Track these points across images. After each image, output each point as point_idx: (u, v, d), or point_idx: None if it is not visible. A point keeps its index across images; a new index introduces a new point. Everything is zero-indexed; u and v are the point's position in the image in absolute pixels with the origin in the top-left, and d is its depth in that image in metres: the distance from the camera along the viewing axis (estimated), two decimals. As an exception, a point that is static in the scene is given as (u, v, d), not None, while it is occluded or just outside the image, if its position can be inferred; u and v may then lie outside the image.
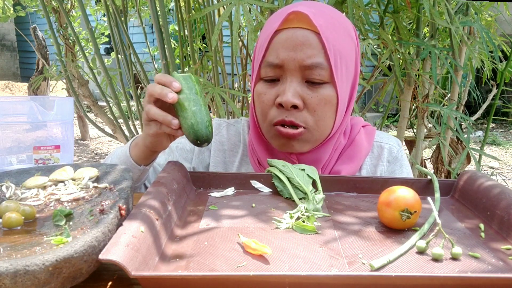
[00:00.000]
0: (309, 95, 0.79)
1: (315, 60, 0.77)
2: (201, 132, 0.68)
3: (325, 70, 0.77)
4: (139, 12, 2.25)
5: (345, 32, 0.81)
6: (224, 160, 0.95)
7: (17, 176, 0.70)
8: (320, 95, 0.79)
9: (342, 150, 0.90)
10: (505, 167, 4.14)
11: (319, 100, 0.79)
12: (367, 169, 0.92)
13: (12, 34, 8.87)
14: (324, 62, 0.77)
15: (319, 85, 0.79)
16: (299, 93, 0.78)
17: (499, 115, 5.69)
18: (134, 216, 0.53)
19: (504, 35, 1.89)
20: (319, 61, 0.77)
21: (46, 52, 4.09)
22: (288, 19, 0.78)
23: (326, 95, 0.79)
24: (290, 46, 0.77)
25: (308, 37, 0.77)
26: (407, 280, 0.45)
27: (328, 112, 0.81)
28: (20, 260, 0.41)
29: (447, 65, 1.42)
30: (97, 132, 5.26)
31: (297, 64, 0.77)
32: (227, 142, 0.96)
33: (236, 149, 0.95)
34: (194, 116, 0.68)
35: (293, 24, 0.78)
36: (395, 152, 0.93)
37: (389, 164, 0.92)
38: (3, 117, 1.00)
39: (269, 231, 0.59)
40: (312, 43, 0.77)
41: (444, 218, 0.66)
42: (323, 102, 0.79)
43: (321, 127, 0.82)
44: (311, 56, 0.77)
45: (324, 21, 0.78)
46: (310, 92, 0.79)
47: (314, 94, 0.79)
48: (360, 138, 0.91)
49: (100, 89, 2.16)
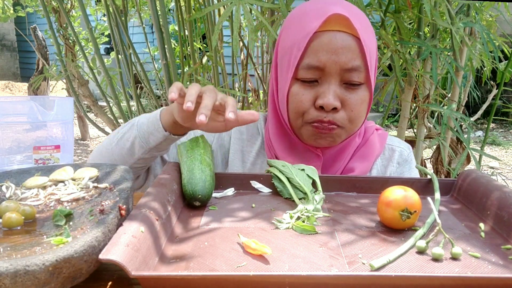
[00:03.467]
0: (347, 96, 0.81)
1: (355, 63, 0.79)
2: (194, 189, 0.69)
3: (363, 72, 0.80)
4: (139, 12, 2.25)
5: (373, 32, 0.85)
6: (242, 149, 0.96)
7: (17, 176, 0.70)
8: (358, 96, 0.82)
9: (356, 149, 0.93)
10: (505, 167, 4.14)
11: (356, 101, 0.82)
12: (377, 169, 0.94)
13: (12, 34, 8.87)
14: (362, 65, 0.80)
15: (357, 86, 0.81)
16: (338, 95, 0.81)
17: (499, 115, 5.69)
18: (134, 216, 0.53)
19: (505, 35, 1.89)
20: (359, 64, 0.80)
21: (46, 52, 4.09)
22: (328, 21, 0.79)
23: (362, 96, 0.82)
24: (331, 50, 0.78)
25: (348, 41, 0.79)
26: (407, 280, 0.45)
27: (363, 111, 0.84)
28: (20, 260, 0.41)
29: (448, 66, 1.42)
30: (97, 132, 5.26)
31: (338, 67, 0.79)
32: (246, 132, 0.98)
33: (253, 140, 0.97)
34: (190, 174, 0.71)
35: (333, 27, 0.79)
36: (405, 155, 0.96)
37: (398, 166, 0.95)
38: (3, 117, 1.00)
39: (269, 231, 0.59)
40: (352, 47, 0.79)
41: (444, 218, 0.66)
42: (360, 102, 0.82)
43: (355, 125, 0.85)
44: (352, 59, 0.79)
45: (360, 24, 0.80)
46: (348, 94, 0.81)
47: (351, 95, 0.81)
48: (373, 139, 0.94)
49: (100, 89, 2.16)
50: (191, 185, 0.68)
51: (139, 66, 2.09)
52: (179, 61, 2.07)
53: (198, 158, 0.73)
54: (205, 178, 0.70)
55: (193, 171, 0.71)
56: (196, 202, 0.68)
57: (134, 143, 0.83)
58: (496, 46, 1.43)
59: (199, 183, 0.69)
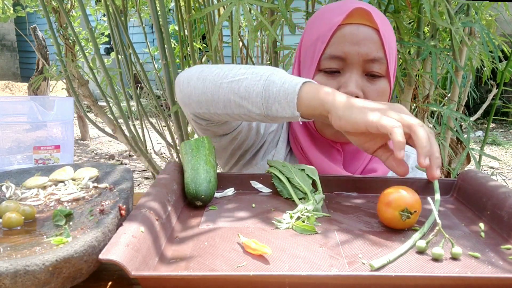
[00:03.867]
0: (369, 87, 0.83)
1: (377, 54, 0.82)
2: (195, 189, 0.69)
3: (384, 64, 0.83)
4: (139, 12, 2.25)
5: (391, 29, 0.87)
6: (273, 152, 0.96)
7: (17, 176, 0.70)
8: (378, 87, 0.84)
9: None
10: (505, 167, 4.14)
11: (377, 92, 0.83)
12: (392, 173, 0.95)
13: (12, 34, 8.87)
14: (383, 57, 0.82)
15: (378, 78, 0.84)
16: (360, 85, 0.82)
17: (499, 115, 5.69)
18: (134, 216, 0.53)
19: (504, 35, 1.89)
20: (380, 56, 0.82)
21: (46, 52, 4.09)
22: (350, 15, 0.82)
23: (382, 88, 0.84)
24: (354, 41, 0.81)
25: (370, 33, 0.82)
26: (407, 280, 0.45)
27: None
28: (20, 260, 0.41)
29: (447, 66, 1.42)
30: (97, 132, 5.26)
31: (360, 58, 0.81)
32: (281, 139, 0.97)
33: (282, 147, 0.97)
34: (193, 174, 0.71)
35: (356, 20, 0.82)
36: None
37: (412, 170, 0.97)
38: (3, 117, 1.00)
39: (269, 231, 0.59)
40: (374, 39, 0.82)
41: (444, 218, 0.66)
42: (381, 94, 0.84)
43: None
44: (374, 51, 0.81)
45: (380, 20, 0.83)
46: (369, 85, 0.83)
47: (373, 86, 0.83)
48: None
49: (100, 89, 2.16)
50: (195, 185, 0.68)
51: (139, 66, 2.09)
52: (179, 61, 2.07)
53: (203, 158, 0.73)
54: (209, 179, 0.70)
55: (197, 170, 0.71)
56: (198, 202, 0.68)
57: (251, 97, 0.72)
58: (496, 46, 1.43)
59: (203, 183, 0.69)
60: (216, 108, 0.77)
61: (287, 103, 0.70)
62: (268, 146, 0.96)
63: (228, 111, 0.76)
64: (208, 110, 0.79)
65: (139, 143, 2.17)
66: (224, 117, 0.79)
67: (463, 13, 1.54)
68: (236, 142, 0.92)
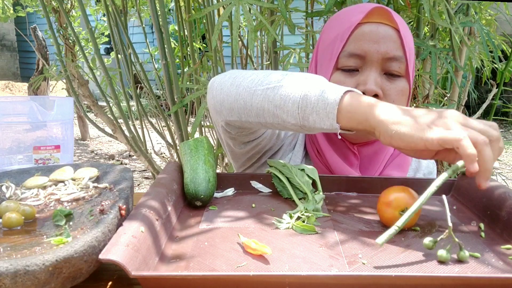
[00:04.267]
0: (388, 86, 0.82)
1: (397, 53, 0.81)
2: (195, 189, 0.69)
3: (403, 64, 0.82)
4: (139, 12, 2.25)
5: (411, 34, 0.87)
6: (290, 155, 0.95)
7: (17, 176, 0.70)
8: (398, 86, 0.83)
9: (391, 157, 0.93)
10: (505, 167, 4.14)
11: (397, 91, 0.82)
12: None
13: (12, 34, 8.86)
14: (402, 57, 0.82)
15: (397, 77, 0.83)
16: (379, 83, 0.81)
17: (499, 115, 5.68)
18: (134, 216, 0.53)
19: (504, 35, 1.89)
20: (400, 55, 0.81)
21: (46, 52, 4.09)
22: (370, 14, 0.82)
23: (402, 87, 0.83)
24: (374, 39, 0.80)
25: (390, 32, 0.81)
26: (407, 280, 0.45)
27: (402, 103, 0.84)
28: (20, 260, 0.41)
29: (447, 65, 1.42)
30: (97, 132, 5.26)
31: (380, 56, 0.80)
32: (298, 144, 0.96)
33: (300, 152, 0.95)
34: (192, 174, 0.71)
35: (375, 19, 0.82)
36: (431, 168, 0.99)
37: (423, 176, 0.97)
38: (3, 117, 1.00)
39: (269, 231, 0.59)
40: (393, 38, 0.81)
41: (444, 218, 0.66)
42: (401, 93, 0.83)
43: None
44: (393, 49, 0.81)
45: (400, 20, 0.83)
46: (388, 84, 0.82)
47: (392, 85, 0.82)
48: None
49: (100, 89, 2.16)
50: (194, 185, 0.69)
51: (139, 66, 2.09)
52: (179, 61, 2.07)
53: (202, 159, 0.73)
54: (209, 179, 0.70)
55: (196, 170, 0.71)
56: (198, 202, 0.68)
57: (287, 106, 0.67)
58: (495, 46, 1.43)
59: (202, 183, 0.69)
60: (248, 116, 0.72)
61: (326, 114, 0.63)
62: (286, 149, 0.95)
63: (261, 120, 0.71)
64: (240, 118, 0.74)
65: (139, 143, 2.17)
66: (256, 125, 0.75)
67: (462, 13, 1.54)
68: (258, 147, 0.90)
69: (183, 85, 1.61)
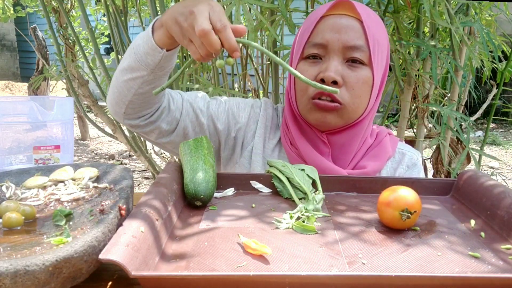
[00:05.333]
0: (349, 74, 0.85)
1: (358, 42, 0.84)
2: (196, 189, 0.69)
3: (365, 53, 0.85)
4: (139, 12, 2.25)
5: (381, 26, 0.90)
6: (264, 135, 0.98)
7: (17, 176, 0.70)
8: (359, 74, 0.85)
9: (369, 149, 0.96)
10: (505, 167, 4.14)
11: (357, 79, 0.85)
12: (387, 171, 0.96)
13: (12, 34, 8.87)
14: (365, 46, 0.84)
15: (359, 66, 0.85)
16: (339, 71, 0.84)
17: (499, 115, 5.69)
18: (134, 216, 0.53)
19: (504, 35, 1.89)
20: (361, 44, 0.84)
21: (46, 52, 4.09)
22: (334, 7, 0.87)
23: (363, 76, 0.85)
24: (335, 29, 0.85)
25: (352, 22, 0.85)
26: (407, 280, 0.45)
27: (364, 92, 0.87)
28: (20, 260, 0.41)
29: (447, 65, 1.42)
30: (97, 132, 5.26)
31: (340, 44, 0.84)
32: (271, 121, 1.00)
33: (275, 131, 1.00)
34: (192, 174, 0.71)
35: (338, 11, 0.86)
36: (415, 159, 0.99)
37: (407, 169, 0.97)
38: (3, 117, 1.00)
39: (269, 231, 0.59)
40: (355, 28, 0.84)
41: (444, 218, 0.66)
42: (361, 81, 0.85)
43: (356, 105, 0.87)
44: (354, 38, 0.84)
45: (365, 12, 0.86)
46: (349, 71, 0.85)
47: (353, 73, 0.85)
48: (386, 141, 0.97)
49: (100, 89, 2.16)
50: (194, 185, 0.69)
51: (139, 66, 2.08)
52: (179, 61, 2.07)
53: (202, 159, 0.73)
54: (208, 179, 0.70)
55: (196, 170, 0.71)
56: (198, 202, 0.68)
57: (134, 67, 0.81)
58: (495, 46, 1.43)
59: (202, 183, 0.69)
60: (123, 95, 0.84)
61: (152, 49, 0.79)
62: (243, 142, 0.97)
63: (132, 91, 0.83)
64: (124, 103, 0.85)
65: (139, 143, 2.17)
66: (133, 98, 0.85)
67: (462, 13, 1.54)
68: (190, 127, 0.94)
69: (183, 85, 1.61)
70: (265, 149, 0.97)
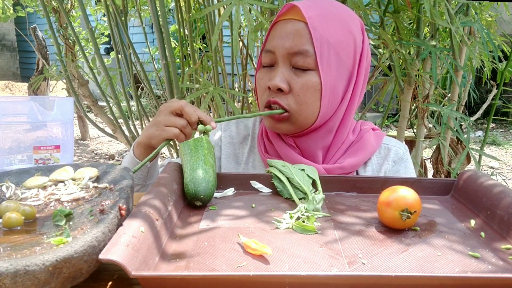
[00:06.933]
0: (294, 80, 0.85)
1: (302, 48, 0.83)
2: (197, 189, 0.69)
3: (311, 57, 0.83)
4: (139, 12, 2.25)
5: (340, 24, 0.85)
6: (234, 152, 1.01)
7: (17, 176, 0.70)
8: (303, 80, 0.84)
9: (350, 145, 0.95)
10: (505, 167, 4.14)
11: (301, 85, 0.84)
12: (372, 167, 0.95)
13: (12, 34, 8.87)
14: (310, 50, 0.83)
15: (304, 71, 0.84)
16: (286, 78, 0.85)
17: (499, 115, 5.69)
18: (134, 216, 0.53)
19: (504, 35, 1.89)
20: (305, 49, 0.83)
21: (46, 52, 4.08)
22: (284, 12, 0.87)
23: (309, 81, 0.84)
24: (281, 35, 0.85)
25: (297, 27, 0.83)
26: (407, 280, 0.45)
27: (310, 98, 0.85)
28: (20, 260, 0.41)
29: (447, 65, 1.42)
30: (97, 132, 5.26)
31: (285, 51, 0.84)
32: (237, 136, 1.03)
33: (245, 142, 1.02)
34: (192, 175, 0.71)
35: (287, 16, 0.86)
36: (401, 154, 0.97)
37: (394, 164, 0.96)
38: (3, 117, 1.00)
39: (269, 231, 0.59)
40: (301, 32, 0.83)
41: (444, 218, 0.66)
42: (306, 87, 0.84)
43: (304, 111, 0.86)
44: (298, 44, 0.83)
45: (315, 13, 0.84)
46: (295, 77, 0.85)
47: (298, 79, 0.84)
48: (368, 136, 0.96)
49: (100, 89, 2.16)
50: (194, 185, 0.68)
51: (139, 66, 2.09)
52: (179, 61, 2.07)
53: (202, 158, 0.73)
54: (208, 178, 0.70)
55: (196, 170, 0.71)
56: (198, 202, 0.68)
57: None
58: (495, 46, 1.43)
59: (202, 183, 0.69)
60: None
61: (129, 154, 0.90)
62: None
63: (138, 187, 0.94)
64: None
65: (139, 143, 2.17)
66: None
67: (463, 13, 1.54)
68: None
69: (183, 85, 1.61)
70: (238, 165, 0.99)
